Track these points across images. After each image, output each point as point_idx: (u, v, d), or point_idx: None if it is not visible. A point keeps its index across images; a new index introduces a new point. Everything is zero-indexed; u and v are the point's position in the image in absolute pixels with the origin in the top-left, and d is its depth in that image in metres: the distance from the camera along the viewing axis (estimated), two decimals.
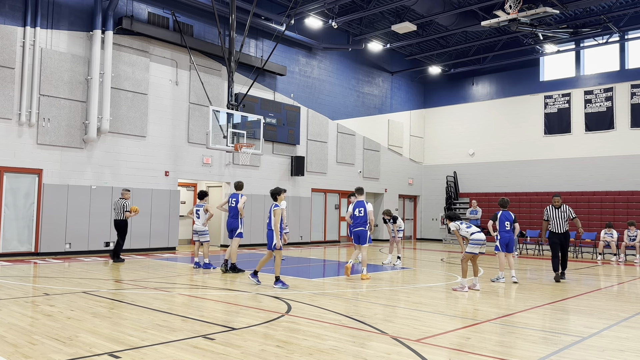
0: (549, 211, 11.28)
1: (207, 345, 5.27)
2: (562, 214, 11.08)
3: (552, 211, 11.24)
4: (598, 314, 7.56)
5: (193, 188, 19.72)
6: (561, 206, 11.17)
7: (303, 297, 8.34)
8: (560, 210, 11.12)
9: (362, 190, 11.70)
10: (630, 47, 21.53)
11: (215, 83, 18.02)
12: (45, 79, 14.18)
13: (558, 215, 11.13)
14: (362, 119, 23.78)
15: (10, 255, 13.49)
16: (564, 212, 11.08)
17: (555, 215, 11.17)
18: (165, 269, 11.85)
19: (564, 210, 11.10)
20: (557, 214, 11.17)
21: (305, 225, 20.96)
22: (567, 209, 11.15)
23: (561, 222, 11.12)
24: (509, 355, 5.14)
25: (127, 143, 15.82)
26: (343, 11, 19.91)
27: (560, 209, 11.14)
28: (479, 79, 25.66)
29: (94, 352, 4.93)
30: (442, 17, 19.21)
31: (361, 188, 11.72)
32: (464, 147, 25.73)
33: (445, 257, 16.50)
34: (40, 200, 14.05)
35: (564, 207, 11.17)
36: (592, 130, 22.02)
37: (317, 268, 13.40)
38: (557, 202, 11.24)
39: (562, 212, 11.08)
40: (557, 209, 11.18)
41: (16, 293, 8.25)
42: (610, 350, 5.43)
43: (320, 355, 4.96)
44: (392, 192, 25.11)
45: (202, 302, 7.87)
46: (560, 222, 11.13)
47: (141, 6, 16.33)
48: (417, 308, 7.58)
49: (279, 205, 9.43)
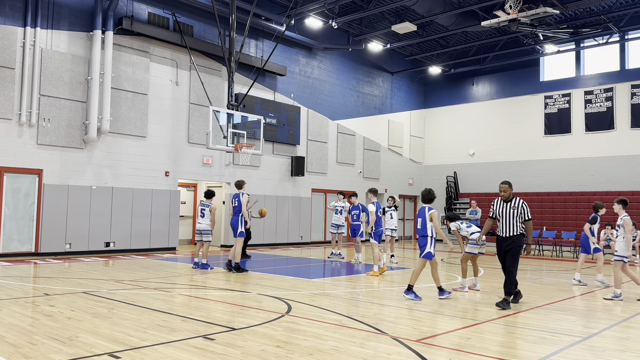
0: (495, 205, 8.16)
1: (207, 345, 5.27)
2: (511, 211, 7.89)
3: (499, 205, 8.10)
4: (598, 314, 7.56)
5: (193, 188, 19.72)
6: (512, 200, 7.98)
7: (303, 297, 8.34)
8: (510, 206, 7.93)
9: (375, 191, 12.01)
10: (630, 47, 21.53)
11: (215, 83, 18.02)
12: (45, 79, 14.18)
13: (506, 211, 7.94)
14: (362, 119, 23.78)
15: (10, 255, 13.49)
16: (515, 209, 7.89)
17: (502, 211, 8.00)
18: (165, 269, 11.85)
19: (514, 206, 7.90)
20: (504, 209, 7.99)
21: (305, 225, 20.95)
22: (520, 206, 7.90)
23: (508, 222, 7.88)
24: (509, 355, 5.14)
25: (127, 143, 15.82)
26: (343, 11, 19.90)
27: (510, 203, 7.96)
28: (479, 79, 25.66)
29: (94, 352, 4.93)
30: (442, 17, 19.21)
31: (375, 189, 12.07)
32: (464, 147, 25.73)
33: (445, 257, 16.49)
34: (41, 200, 14.05)
35: (517, 201, 7.94)
36: (592, 131, 22.02)
37: (317, 268, 13.40)
38: (505, 191, 8.03)
39: (512, 209, 7.89)
40: (505, 203, 8.02)
41: (16, 293, 8.25)
42: (610, 350, 5.42)
43: (320, 355, 4.96)
44: (392, 192, 25.10)
45: (202, 303, 7.87)
46: (507, 222, 7.89)
47: (141, 6, 16.33)
48: (417, 308, 7.58)
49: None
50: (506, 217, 7.93)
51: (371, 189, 11.89)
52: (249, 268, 12.22)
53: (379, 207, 11.63)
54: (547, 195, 22.35)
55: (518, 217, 7.86)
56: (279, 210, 19.57)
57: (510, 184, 8.17)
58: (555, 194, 22.26)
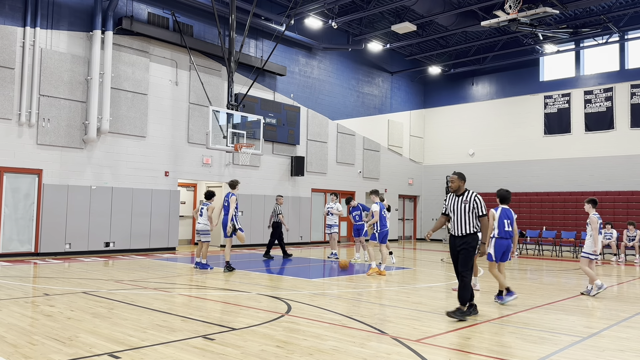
0: (448, 200, 7.19)
1: (207, 345, 5.27)
2: (463, 206, 6.91)
3: (451, 200, 7.12)
4: (598, 314, 7.57)
5: (193, 188, 19.72)
6: (464, 193, 7.00)
7: (303, 297, 8.34)
8: (462, 200, 6.96)
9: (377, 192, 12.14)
10: (630, 47, 21.54)
11: (215, 83, 18.02)
12: (45, 79, 14.18)
13: (457, 207, 6.97)
14: (362, 119, 23.78)
15: (10, 255, 13.49)
16: (467, 204, 6.90)
17: (453, 206, 7.04)
18: (165, 269, 11.85)
19: (466, 200, 6.92)
20: (455, 204, 7.01)
21: (305, 225, 20.96)
22: (473, 200, 6.90)
23: (460, 219, 6.91)
24: (509, 355, 5.14)
25: (127, 143, 15.81)
26: (343, 11, 19.90)
27: (461, 197, 6.98)
28: (479, 79, 25.66)
29: (94, 353, 4.92)
30: (442, 17, 19.21)
31: (375, 190, 12.24)
32: (464, 147, 25.73)
33: (445, 257, 16.49)
34: (40, 200, 14.05)
35: (469, 195, 6.95)
36: (592, 130, 22.02)
37: (317, 268, 13.40)
38: (453, 182, 7.05)
39: (464, 203, 6.91)
40: (457, 197, 7.03)
41: (16, 293, 8.25)
42: (610, 350, 5.42)
43: (320, 355, 4.96)
44: (392, 192, 25.11)
45: (202, 303, 7.87)
46: (458, 219, 6.93)
47: (141, 6, 16.33)
48: (417, 308, 7.58)
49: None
50: (457, 213, 6.93)
51: (373, 190, 12.06)
52: (251, 268, 12.23)
53: (382, 207, 11.63)
54: (546, 195, 22.35)
55: (471, 213, 6.87)
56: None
57: (461, 174, 7.11)
58: (555, 194, 22.26)
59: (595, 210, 9.29)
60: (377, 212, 11.45)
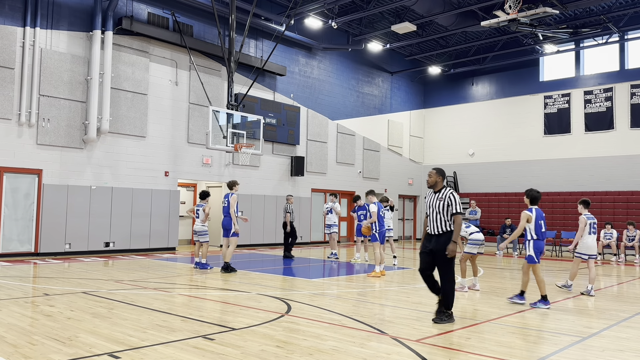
0: (427, 198, 6.91)
1: (207, 345, 5.27)
2: (438, 203, 6.60)
3: (428, 197, 6.84)
4: (598, 314, 7.57)
5: (193, 188, 19.72)
6: (441, 190, 6.69)
7: (303, 297, 8.34)
8: (437, 197, 6.65)
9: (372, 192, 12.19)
10: (630, 47, 21.54)
11: (215, 83, 18.02)
12: (45, 79, 14.18)
13: (432, 203, 6.68)
14: (362, 119, 23.78)
15: (10, 255, 13.49)
16: (441, 201, 6.58)
17: (430, 203, 6.74)
18: (165, 269, 11.85)
19: (441, 197, 6.60)
20: (431, 201, 6.73)
21: (305, 225, 20.95)
22: (447, 197, 6.57)
23: (435, 217, 6.60)
24: (509, 355, 5.14)
25: (127, 143, 15.81)
26: (343, 11, 19.90)
27: (437, 194, 6.68)
28: (478, 79, 25.66)
29: (93, 353, 4.92)
30: (442, 17, 19.21)
31: (371, 190, 12.32)
32: (463, 147, 25.73)
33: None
34: (40, 200, 14.05)
35: (445, 191, 6.63)
36: (591, 131, 22.02)
37: (317, 268, 13.40)
38: (430, 176, 6.78)
39: (439, 200, 6.60)
40: (434, 194, 6.74)
41: (16, 293, 8.24)
42: (610, 350, 5.43)
43: (320, 355, 4.96)
44: (392, 192, 25.10)
45: (202, 303, 7.87)
46: (434, 217, 6.62)
47: (141, 6, 16.33)
48: (417, 308, 7.58)
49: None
50: (433, 211, 6.63)
51: (369, 191, 12.11)
52: (251, 267, 12.22)
53: (380, 207, 11.64)
54: (546, 195, 22.31)
55: (446, 211, 6.53)
56: (279, 210, 19.54)
57: (440, 170, 6.77)
58: (555, 194, 22.26)
59: (588, 211, 9.43)
60: (375, 212, 11.45)
